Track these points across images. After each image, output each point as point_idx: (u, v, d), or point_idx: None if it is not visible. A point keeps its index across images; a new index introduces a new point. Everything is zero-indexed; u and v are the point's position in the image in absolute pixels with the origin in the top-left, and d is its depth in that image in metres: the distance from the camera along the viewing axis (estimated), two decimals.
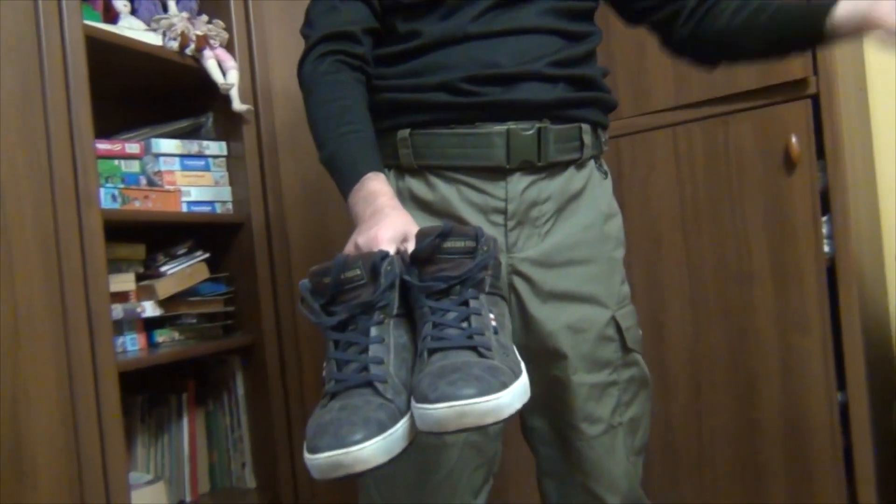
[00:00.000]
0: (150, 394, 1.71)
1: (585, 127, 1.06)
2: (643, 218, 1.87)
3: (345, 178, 0.96)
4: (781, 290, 1.68)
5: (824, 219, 1.62)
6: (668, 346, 1.84)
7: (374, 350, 0.77)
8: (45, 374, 1.20)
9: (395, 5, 1.05)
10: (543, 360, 1.05)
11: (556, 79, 1.03)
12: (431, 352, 0.76)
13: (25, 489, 1.16)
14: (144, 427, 1.69)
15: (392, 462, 0.72)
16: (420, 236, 0.83)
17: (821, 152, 1.61)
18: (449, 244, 0.81)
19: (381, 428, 0.71)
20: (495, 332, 0.80)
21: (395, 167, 1.06)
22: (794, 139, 1.62)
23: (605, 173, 1.15)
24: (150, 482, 1.56)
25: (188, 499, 1.70)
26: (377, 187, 0.93)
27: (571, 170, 1.07)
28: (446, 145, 1.02)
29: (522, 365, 0.82)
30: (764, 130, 1.68)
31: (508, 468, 1.91)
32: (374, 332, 0.78)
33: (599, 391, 1.08)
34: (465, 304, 0.80)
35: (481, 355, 0.76)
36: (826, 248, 1.62)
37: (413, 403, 0.73)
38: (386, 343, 0.78)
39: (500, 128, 1.01)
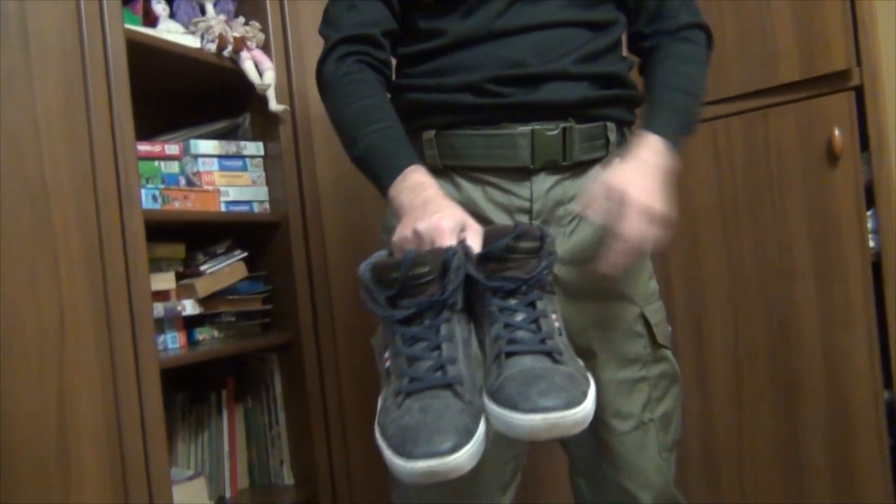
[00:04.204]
0: (191, 391, 1.74)
1: (611, 125, 1.06)
2: (681, 214, 1.84)
3: (385, 172, 0.95)
4: (825, 287, 1.64)
5: (869, 213, 1.59)
6: (708, 343, 1.82)
7: (447, 349, 0.77)
8: (89, 372, 1.22)
9: (416, 3, 1.04)
10: None
11: (581, 77, 1.03)
12: (508, 355, 0.77)
13: (71, 485, 1.18)
14: (185, 424, 1.72)
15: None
16: (492, 235, 0.83)
17: (864, 145, 1.58)
18: (518, 244, 0.81)
19: (469, 434, 0.71)
20: (559, 334, 0.81)
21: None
22: (837, 132, 1.58)
23: None
24: (190, 478, 1.59)
25: (228, 494, 1.72)
26: (423, 178, 0.93)
27: (597, 168, 1.06)
28: (471, 146, 1.02)
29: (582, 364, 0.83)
30: (806, 123, 1.65)
31: (541, 468, 1.91)
32: (443, 329, 0.78)
33: (629, 387, 1.07)
34: (532, 305, 0.80)
35: (555, 361, 0.77)
36: (871, 244, 1.58)
37: (494, 406, 0.74)
38: (455, 341, 0.78)
39: (524, 129, 1.01)
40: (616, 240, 0.88)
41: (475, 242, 0.85)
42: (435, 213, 0.85)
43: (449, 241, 0.82)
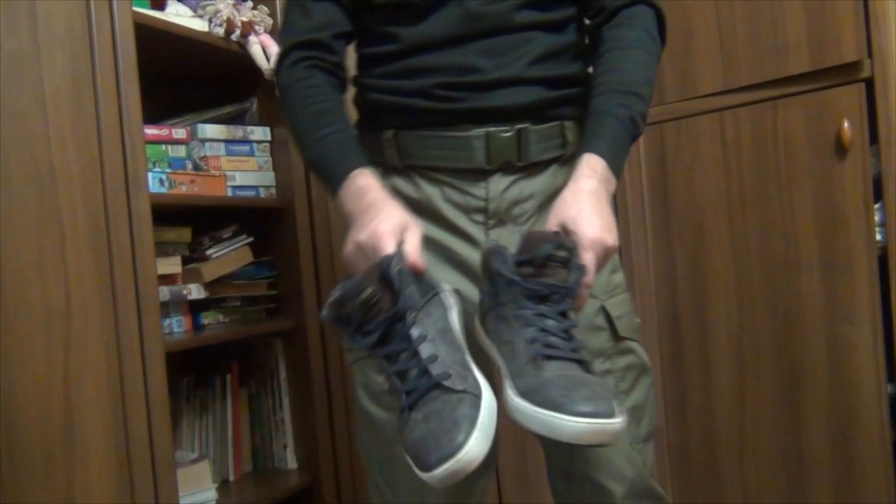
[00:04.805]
0: (196, 375, 1.75)
1: (569, 124, 1.05)
2: (687, 205, 1.84)
3: (332, 177, 0.97)
4: (830, 280, 1.64)
5: (877, 206, 1.58)
6: (712, 335, 1.82)
7: (425, 350, 0.79)
8: (95, 355, 1.23)
9: (367, 7, 1.04)
10: None
11: (535, 81, 1.02)
12: (546, 358, 0.80)
13: (76, 466, 1.19)
14: (190, 407, 1.73)
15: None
16: (532, 240, 0.84)
17: (874, 138, 1.57)
18: (556, 253, 0.83)
19: (472, 421, 0.73)
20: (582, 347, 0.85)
21: (382, 165, 1.06)
22: (846, 124, 1.57)
23: None
24: (195, 461, 1.60)
25: (231, 478, 1.74)
26: (366, 182, 0.95)
27: (555, 167, 1.06)
28: (428, 147, 1.03)
29: None
30: (815, 115, 1.64)
31: (528, 468, 1.92)
32: (415, 333, 0.79)
33: None
34: (564, 314, 0.83)
35: (587, 371, 0.81)
36: (878, 237, 1.58)
37: (532, 407, 0.76)
38: (431, 337, 0.80)
39: (479, 131, 1.01)
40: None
41: (413, 243, 0.86)
42: (372, 219, 0.87)
43: (389, 245, 0.84)
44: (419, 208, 1.03)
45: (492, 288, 0.86)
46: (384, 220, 0.87)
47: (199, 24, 1.59)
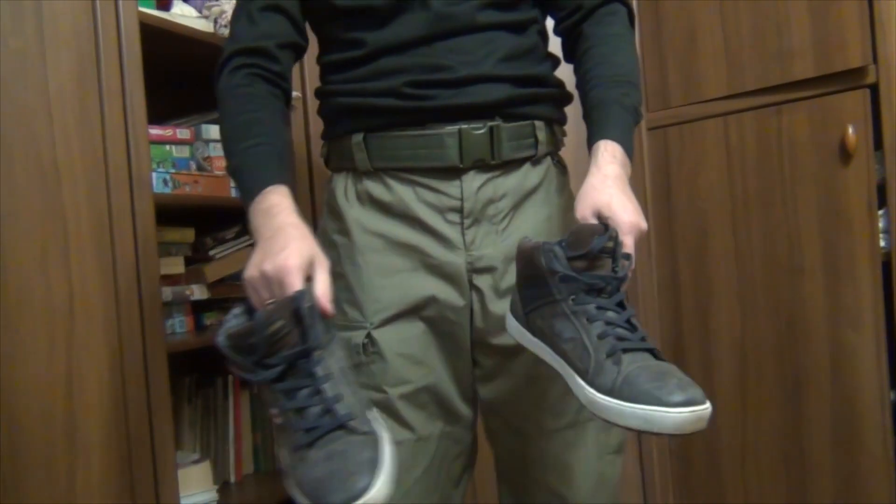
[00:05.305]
0: (198, 375, 1.75)
1: (539, 124, 1.06)
2: (691, 209, 1.84)
3: (246, 190, 0.95)
4: (833, 285, 1.64)
5: (881, 212, 1.58)
6: (715, 338, 1.82)
7: (329, 388, 0.78)
8: (97, 355, 1.23)
9: (329, 15, 1.04)
10: (505, 355, 1.05)
11: (503, 79, 1.03)
12: (623, 351, 0.80)
13: (78, 465, 1.19)
14: (191, 408, 1.73)
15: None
16: (584, 235, 0.84)
17: (878, 143, 1.57)
18: (606, 244, 0.84)
19: (376, 465, 0.73)
20: None
21: (352, 170, 1.05)
22: (850, 129, 1.57)
23: (564, 168, 1.14)
24: (196, 461, 1.59)
25: (232, 479, 1.73)
26: (278, 201, 0.92)
27: (527, 166, 1.06)
28: (399, 147, 1.02)
29: None
30: (819, 120, 1.64)
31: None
32: (319, 371, 0.78)
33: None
34: (622, 304, 0.84)
35: (659, 358, 0.81)
36: (882, 243, 1.58)
37: (623, 403, 0.77)
38: (335, 376, 0.79)
39: (451, 128, 1.00)
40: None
41: (322, 278, 0.85)
42: (281, 250, 0.85)
43: (297, 281, 0.82)
44: (392, 211, 1.03)
45: (541, 286, 0.86)
46: (293, 254, 0.84)
47: (204, 25, 1.59)
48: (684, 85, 1.83)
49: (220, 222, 1.74)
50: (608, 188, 0.90)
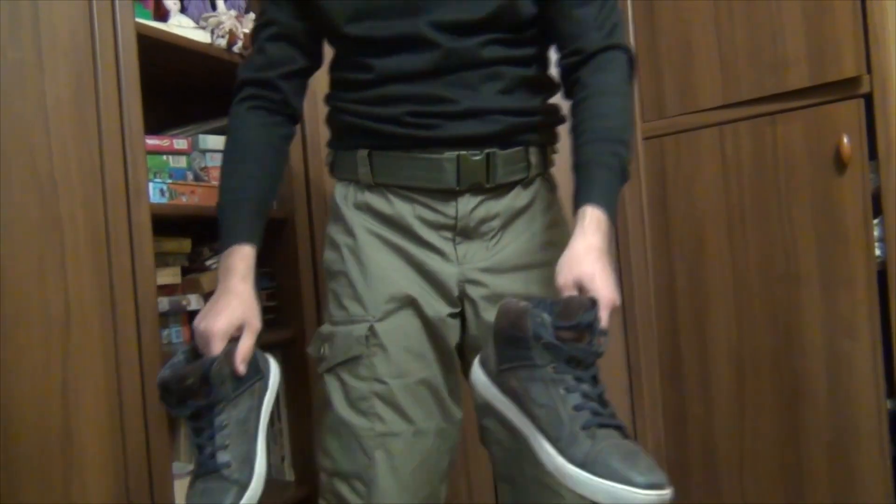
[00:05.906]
0: None
1: (532, 149, 1.11)
2: (687, 219, 1.84)
3: (221, 237, 1.08)
4: (830, 294, 1.64)
5: (876, 221, 1.58)
6: (711, 348, 1.82)
7: (220, 438, 0.95)
8: (93, 365, 1.22)
9: (343, 39, 1.09)
10: None
11: (503, 112, 1.07)
12: (598, 426, 0.84)
13: (73, 476, 1.19)
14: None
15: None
16: (573, 307, 0.87)
17: (873, 153, 1.57)
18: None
19: None
20: None
21: (356, 181, 1.12)
22: (845, 139, 1.58)
23: (552, 185, 1.19)
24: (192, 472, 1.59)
25: None
26: (234, 263, 1.05)
27: (518, 188, 1.12)
28: (401, 167, 1.08)
29: None
30: (814, 130, 1.65)
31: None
32: (217, 421, 0.95)
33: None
34: (595, 379, 0.87)
35: (626, 436, 0.86)
36: (877, 252, 1.58)
37: (592, 478, 0.80)
38: (229, 427, 0.96)
39: (450, 154, 1.06)
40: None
41: (246, 342, 1.00)
42: (216, 314, 0.99)
43: (216, 346, 0.97)
44: (392, 223, 1.10)
45: (523, 348, 0.88)
46: (222, 321, 0.98)
47: (202, 36, 1.60)
48: (680, 94, 1.84)
49: (217, 232, 1.74)
50: (593, 262, 0.92)
